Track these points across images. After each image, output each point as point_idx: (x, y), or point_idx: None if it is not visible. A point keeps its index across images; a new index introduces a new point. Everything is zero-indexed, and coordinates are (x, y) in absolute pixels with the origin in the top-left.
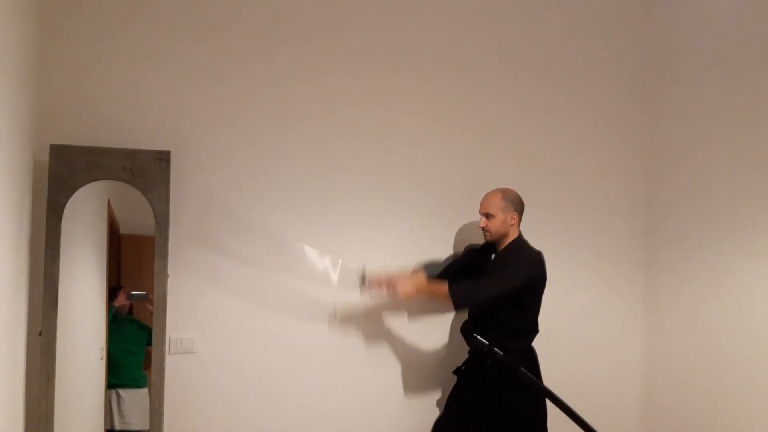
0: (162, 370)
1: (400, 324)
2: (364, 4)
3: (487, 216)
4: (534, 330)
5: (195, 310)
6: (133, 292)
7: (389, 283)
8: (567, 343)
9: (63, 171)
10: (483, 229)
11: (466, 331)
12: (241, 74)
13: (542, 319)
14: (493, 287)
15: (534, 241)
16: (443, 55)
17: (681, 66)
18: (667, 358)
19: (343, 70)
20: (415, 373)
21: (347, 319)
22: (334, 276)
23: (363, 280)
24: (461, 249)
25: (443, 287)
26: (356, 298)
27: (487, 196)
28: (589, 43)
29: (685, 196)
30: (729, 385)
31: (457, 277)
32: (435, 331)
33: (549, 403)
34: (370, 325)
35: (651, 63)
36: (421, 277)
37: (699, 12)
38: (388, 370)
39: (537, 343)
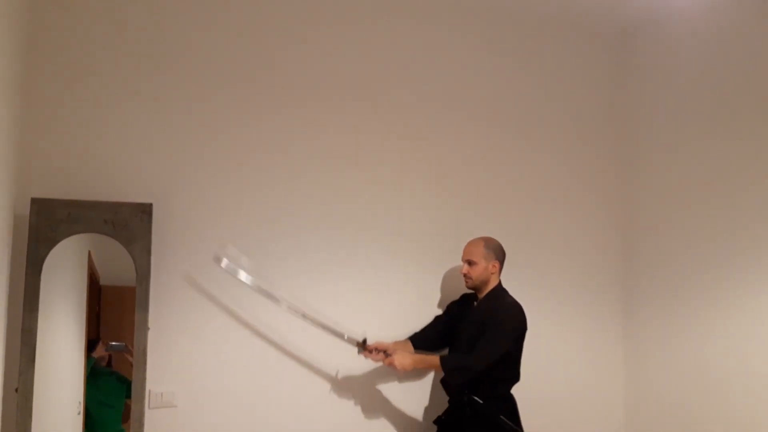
0: (141, 425)
1: (379, 374)
2: (350, 64)
3: (470, 263)
4: (515, 378)
5: (175, 364)
6: (112, 343)
7: (387, 355)
8: (547, 390)
9: (44, 224)
10: (465, 275)
11: (447, 380)
12: (226, 127)
13: (522, 366)
14: (483, 357)
15: (513, 287)
16: (428, 115)
17: (654, 122)
18: (649, 402)
19: (328, 127)
20: (395, 422)
21: (332, 372)
22: (347, 336)
23: (363, 345)
24: (446, 294)
25: (436, 361)
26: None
27: (470, 244)
28: (566, 105)
29: (661, 241)
30: (712, 427)
31: (442, 333)
32: (415, 381)
33: None
34: (350, 376)
35: (624, 120)
36: (411, 349)
37: (671, 75)
38: (368, 419)
39: (517, 391)
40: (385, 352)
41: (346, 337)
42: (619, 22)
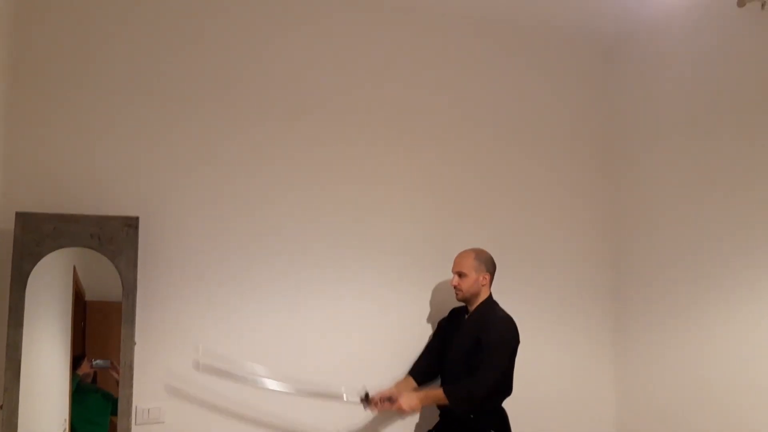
0: None
1: (371, 384)
2: (335, 79)
3: (460, 275)
4: (507, 391)
5: (162, 379)
6: (97, 360)
7: (392, 401)
8: (538, 400)
9: (29, 239)
10: (455, 287)
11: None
12: (212, 141)
13: (514, 379)
14: (485, 381)
15: (503, 297)
16: (415, 127)
17: (641, 133)
18: (640, 410)
19: (315, 142)
20: None
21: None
22: (347, 397)
23: (366, 401)
24: (436, 308)
25: (441, 393)
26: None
27: (461, 255)
28: (554, 114)
29: (650, 248)
30: None
31: (438, 359)
32: None
33: None
34: (338, 388)
35: (613, 130)
36: (413, 384)
37: (658, 84)
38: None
39: (509, 401)
40: (390, 399)
41: (345, 398)
42: (606, 33)
